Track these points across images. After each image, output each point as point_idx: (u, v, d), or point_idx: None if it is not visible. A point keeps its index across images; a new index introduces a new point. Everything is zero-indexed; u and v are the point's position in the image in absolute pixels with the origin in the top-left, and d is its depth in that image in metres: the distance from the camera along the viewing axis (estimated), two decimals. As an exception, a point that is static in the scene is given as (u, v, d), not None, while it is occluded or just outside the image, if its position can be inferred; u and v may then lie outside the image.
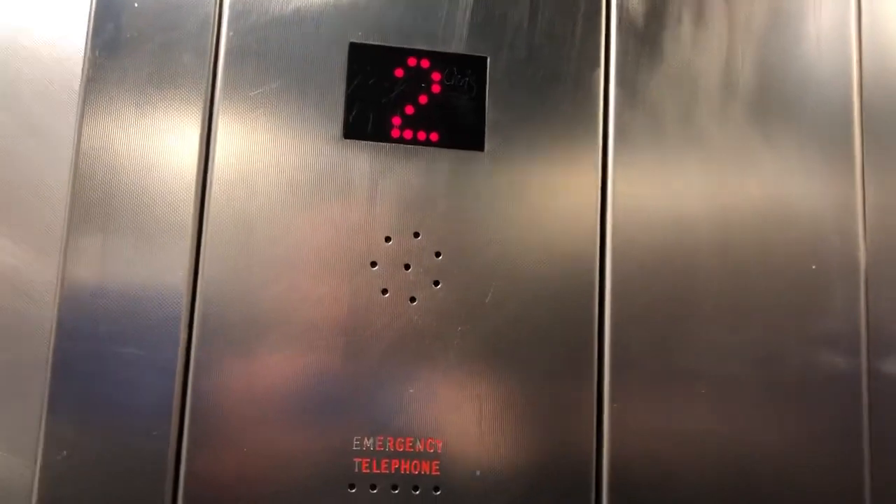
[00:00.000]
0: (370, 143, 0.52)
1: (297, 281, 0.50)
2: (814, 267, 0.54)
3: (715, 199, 0.54)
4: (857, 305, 0.55)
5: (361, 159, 0.52)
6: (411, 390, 0.50)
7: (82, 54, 0.51)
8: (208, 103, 0.51)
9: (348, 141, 0.52)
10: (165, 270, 0.49)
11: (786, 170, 0.56)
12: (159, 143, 0.50)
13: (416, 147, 0.52)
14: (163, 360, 0.48)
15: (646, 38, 0.56)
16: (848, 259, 0.55)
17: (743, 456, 0.52)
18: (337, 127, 0.52)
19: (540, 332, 0.52)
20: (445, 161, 0.53)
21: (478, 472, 0.50)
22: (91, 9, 0.51)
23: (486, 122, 0.53)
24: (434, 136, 0.53)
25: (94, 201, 0.49)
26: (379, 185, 0.52)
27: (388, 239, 0.51)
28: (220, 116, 0.51)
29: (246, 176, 0.51)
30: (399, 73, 0.53)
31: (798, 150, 0.56)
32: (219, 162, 0.50)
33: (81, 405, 0.47)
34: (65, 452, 0.47)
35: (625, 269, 0.53)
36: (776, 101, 0.57)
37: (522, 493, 0.50)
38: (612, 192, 0.54)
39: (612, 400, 0.51)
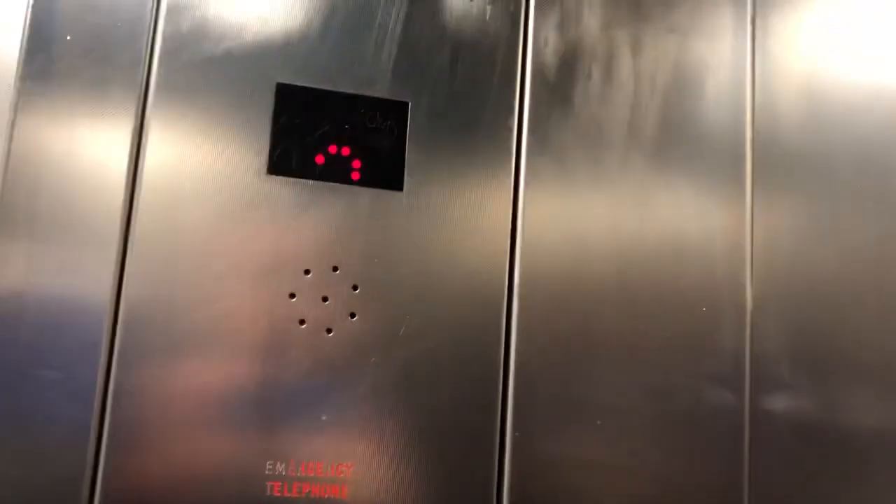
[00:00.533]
0: (293, 179, 0.54)
1: (218, 307, 0.52)
2: (704, 309, 0.59)
3: (616, 240, 0.59)
4: (742, 345, 0.59)
5: (285, 194, 0.54)
6: (324, 417, 0.53)
7: (12, 81, 0.52)
8: (137, 132, 0.53)
9: (272, 176, 0.54)
10: (88, 289, 0.50)
11: (682, 213, 0.60)
12: (88, 167, 0.52)
13: (338, 185, 0.55)
14: (81, 384, 0.49)
15: (557, 90, 0.60)
16: (735, 301, 0.60)
17: (635, 485, 0.55)
18: (262, 162, 0.54)
19: (449, 365, 0.55)
20: (366, 199, 0.55)
21: (385, 496, 0.52)
22: (23, 38, 0.52)
23: (406, 163, 0.56)
24: (355, 175, 0.56)
25: (18, 217, 0.50)
26: (301, 220, 0.54)
27: (307, 272, 0.54)
28: (150, 143, 0.52)
29: (173, 203, 0.52)
30: (324, 113, 0.55)
31: (694, 196, 0.61)
32: (146, 186, 0.52)
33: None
34: (-21, 469, 0.48)
35: (531, 305, 0.56)
36: (676, 149, 0.61)
37: (427, 516, 0.53)
38: (522, 230, 0.57)
39: (514, 429, 0.55)
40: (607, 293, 0.58)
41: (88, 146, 0.52)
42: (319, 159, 0.55)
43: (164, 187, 0.52)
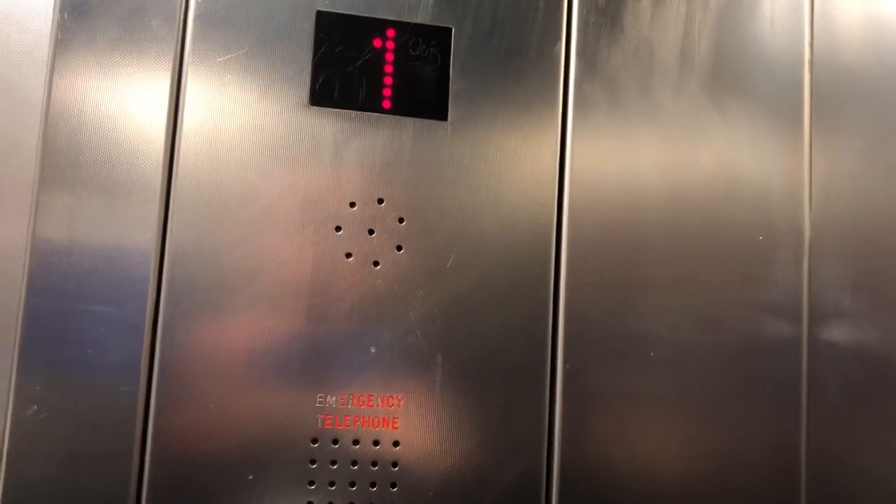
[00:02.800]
0: (336, 110, 0.53)
1: (263, 243, 0.51)
2: (760, 238, 0.57)
3: (668, 169, 0.57)
4: (800, 274, 0.57)
5: (327, 126, 0.53)
6: (373, 350, 0.52)
7: (50, 17, 0.51)
8: (177, 67, 0.52)
9: (314, 108, 0.53)
10: (134, 230, 0.50)
11: (737, 142, 0.58)
12: (128, 105, 0.51)
13: (381, 115, 0.54)
14: (131, 318, 0.49)
15: (606, 12, 0.57)
16: (793, 230, 0.58)
17: (688, 418, 0.54)
18: (304, 94, 0.53)
19: (497, 298, 0.54)
20: (409, 129, 0.54)
21: (435, 428, 0.52)
22: (59, -30, 0.51)
23: (450, 92, 0.55)
24: (398, 105, 0.54)
25: (63, 161, 0.50)
26: (344, 152, 0.53)
27: (352, 204, 0.53)
28: (189, 80, 0.52)
29: (214, 139, 0.52)
30: (365, 42, 0.54)
31: (749, 124, 0.59)
32: (187, 125, 0.51)
33: (51, 362, 0.49)
34: (34, 408, 0.48)
35: (580, 236, 0.55)
36: (730, 76, 0.59)
37: (477, 447, 0.52)
38: (571, 161, 0.56)
39: (565, 362, 0.54)
40: (659, 223, 0.56)
41: (128, 84, 0.51)
42: (361, 89, 0.54)
43: (206, 124, 0.52)
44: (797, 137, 0.59)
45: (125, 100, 0.51)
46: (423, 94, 0.54)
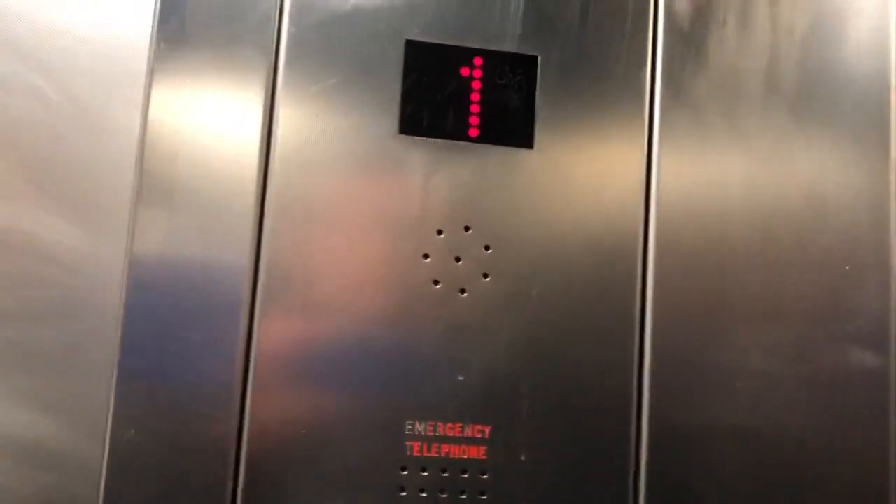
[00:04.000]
0: (424, 139, 0.54)
1: (353, 268, 0.52)
2: (847, 268, 0.56)
3: (755, 195, 0.56)
4: (887, 304, 0.57)
5: (416, 154, 0.54)
6: (461, 378, 0.52)
7: (147, 43, 0.52)
8: (269, 96, 0.52)
9: (403, 136, 0.53)
10: (228, 254, 0.51)
11: (823, 168, 0.58)
12: (222, 131, 0.52)
13: (468, 143, 0.54)
14: (226, 342, 0.50)
15: (691, 39, 0.57)
16: (880, 260, 0.57)
17: (775, 451, 0.54)
18: (393, 122, 0.53)
19: (584, 326, 0.54)
20: (496, 157, 0.54)
21: (522, 457, 0.52)
22: (156, 1, 0.52)
23: (536, 120, 0.55)
24: (485, 133, 0.54)
25: (159, 186, 0.51)
26: (432, 180, 0.54)
27: (440, 232, 0.53)
28: (281, 109, 0.52)
29: (305, 166, 0.52)
30: (453, 70, 0.54)
31: (836, 149, 0.58)
32: (280, 152, 0.52)
33: (148, 385, 0.50)
34: (132, 431, 0.49)
35: (667, 265, 0.55)
36: (816, 101, 0.58)
37: (564, 480, 0.52)
38: (657, 187, 0.55)
39: (651, 393, 0.53)
40: (745, 252, 0.56)
41: (222, 108, 0.52)
42: (450, 118, 0.54)
43: (297, 149, 0.52)
44: (884, 160, 0.59)
45: (218, 125, 0.52)
46: (509, 122, 0.55)
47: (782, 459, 0.54)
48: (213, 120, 0.52)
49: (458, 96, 0.54)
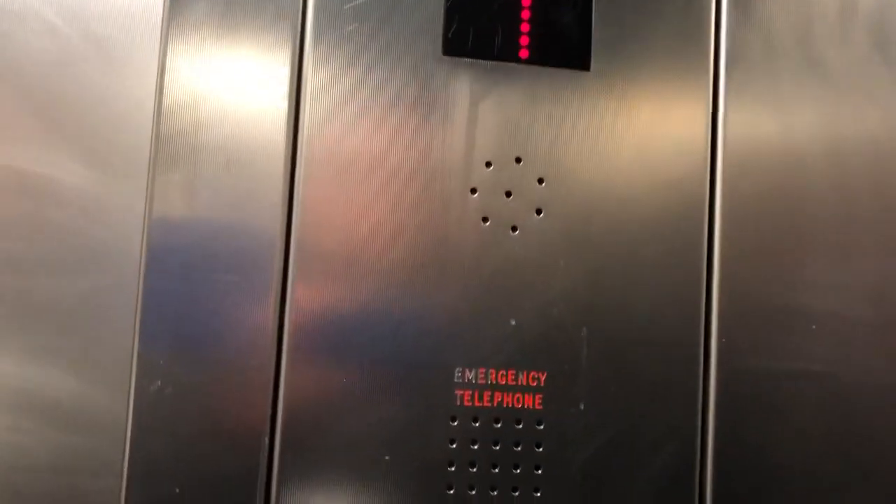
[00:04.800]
0: (470, 60, 0.49)
1: (395, 207, 0.47)
2: (931, 200, 0.52)
3: (831, 128, 0.51)
4: (971, 242, 0.52)
5: (461, 78, 0.49)
6: (513, 322, 0.48)
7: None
8: (300, 22, 0.47)
9: (447, 58, 0.48)
10: (259, 196, 0.46)
11: (904, 97, 0.53)
12: (248, 67, 0.47)
13: (519, 65, 0.49)
14: (258, 289, 0.46)
15: (762, -49, 0.52)
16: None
17: (852, 396, 0.50)
18: (436, 43, 0.48)
19: (646, 267, 0.49)
20: (549, 81, 0.49)
21: (582, 406, 0.48)
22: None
23: (592, 39, 0.50)
24: (537, 54, 0.49)
25: (181, 131, 0.46)
26: (479, 106, 0.49)
27: (488, 164, 0.49)
28: (313, 35, 0.47)
29: (340, 97, 0.47)
30: (502, -16, 0.49)
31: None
32: (311, 83, 0.47)
33: (174, 335, 0.45)
34: (158, 383, 0.45)
35: (736, 200, 0.50)
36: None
37: (627, 426, 0.48)
38: (724, 118, 0.51)
39: (720, 336, 0.49)
40: (821, 188, 0.51)
41: (247, 37, 0.47)
42: (498, 37, 0.49)
43: (330, 79, 0.47)
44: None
45: (244, 60, 0.47)
46: (563, 42, 0.50)
47: (860, 407, 0.50)
48: (239, 51, 0.47)
49: (508, 13, 0.49)
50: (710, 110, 0.51)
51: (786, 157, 0.51)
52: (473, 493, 0.47)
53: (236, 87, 0.47)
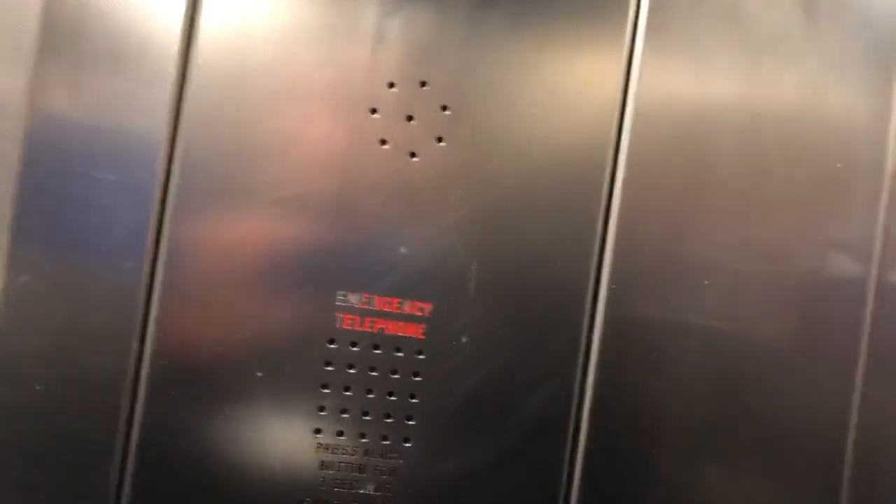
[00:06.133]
0: (382, -24, 0.47)
1: (290, 119, 0.46)
2: (839, 165, 0.51)
3: (746, 84, 0.50)
4: (875, 212, 0.52)
5: (371, -7, 0.47)
6: (403, 250, 0.47)
7: None
8: None
9: (358, -29, 0.47)
10: (146, 92, 0.45)
11: (825, 60, 0.52)
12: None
13: (433, -13, 0.47)
14: (138, 191, 0.44)
15: None
16: (874, 164, 0.52)
17: (742, 352, 0.50)
18: (347, -47, 0.46)
19: (543, 205, 0.48)
20: (463, 5, 0.48)
21: (464, 339, 0.47)
22: None
23: (512, -32, 0.48)
24: (453, -23, 0.48)
25: (68, 19, 0.44)
26: (386, 24, 0.47)
27: (391, 85, 0.47)
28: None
29: (241, 3, 0.45)
30: None
31: (842, 47, 0.52)
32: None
33: (48, 230, 0.44)
34: (28, 277, 0.44)
35: (642, 147, 0.49)
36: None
37: (508, 362, 0.48)
38: (640, 63, 0.49)
39: (610, 282, 0.49)
40: (729, 143, 0.50)
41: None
42: (413, -46, 0.47)
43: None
44: (889, 70, 0.53)
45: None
46: (481, -33, 0.48)
47: (742, 363, 0.50)
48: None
49: (425, -70, 0.47)
50: (627, 54, 0.49)
51: (697, 110, 0.50)
52: (346, 416, 0.47)
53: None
